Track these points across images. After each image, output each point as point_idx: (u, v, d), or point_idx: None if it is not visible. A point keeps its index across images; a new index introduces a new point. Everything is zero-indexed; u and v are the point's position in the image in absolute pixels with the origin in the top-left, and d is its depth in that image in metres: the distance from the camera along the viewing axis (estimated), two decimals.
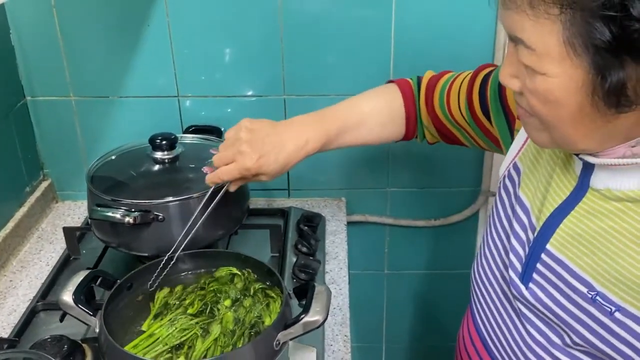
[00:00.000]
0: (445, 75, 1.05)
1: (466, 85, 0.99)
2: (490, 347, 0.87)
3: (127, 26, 1.32)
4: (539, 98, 0.66)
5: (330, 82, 1.37)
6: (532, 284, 0.77)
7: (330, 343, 1.08)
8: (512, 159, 0.87)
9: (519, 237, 0.80)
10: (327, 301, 0.90)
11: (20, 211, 1.35)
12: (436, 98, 1.04)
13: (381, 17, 1.30)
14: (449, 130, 1.05)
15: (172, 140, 1.19)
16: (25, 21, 1.32)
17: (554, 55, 0.62)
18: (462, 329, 0.97)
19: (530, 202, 0.80)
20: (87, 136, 1.43)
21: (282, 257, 1.24)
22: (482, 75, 0.97)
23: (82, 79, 1.37)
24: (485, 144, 1.01)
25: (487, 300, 0.87)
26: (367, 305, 1.66)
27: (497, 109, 0.93)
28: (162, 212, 1.09)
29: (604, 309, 0.69)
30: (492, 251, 0.87)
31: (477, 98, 0.96)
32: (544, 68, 0.64)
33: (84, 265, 1.23)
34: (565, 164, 0.76)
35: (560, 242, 0.74)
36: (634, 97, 0.60)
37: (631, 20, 0.56)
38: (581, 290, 0.71)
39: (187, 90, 1.39)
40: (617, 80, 0.59)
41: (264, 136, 0.99)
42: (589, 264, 0.71)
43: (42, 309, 1.13)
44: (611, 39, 0.58)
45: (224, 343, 0.93)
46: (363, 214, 1.53)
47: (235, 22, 1.31)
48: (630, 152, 0.67)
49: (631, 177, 0.68)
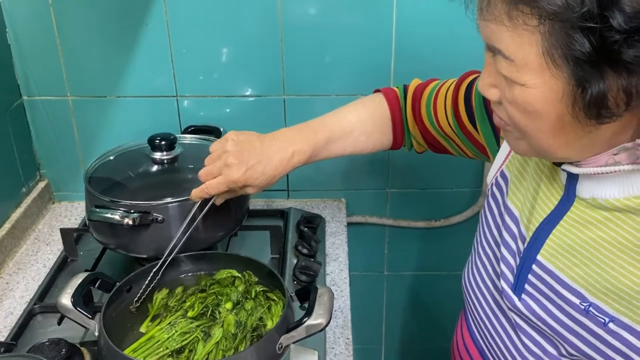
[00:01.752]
0: (431, 84, 1.05)
1: (451, 93, 0.98)
2: (486, 355, 0.87)
3: (126, 25, 1.31)
4: (518, 108, 0.65)
5: (331, 82, 1.35)
6: (524, 295, 0.76)
7: (332, 346, 1.06)
8: (500, 166, 0.87)
9: (509, 246, 0.80)
10: (330, 304, 0.89)
11: (17, 212, 1.34)
12: (423, 108, 1.03)
13: (382, 16, 1.29)
14: (436, 140, 1.05)
15: (172, 140, 1.18)
16: (21, 19, 1.31)
17: (533, 66, 0.61)
18: (456, 334, 0.97)
19: (519, 211, 0.80)
20: (84, 136, 1.42)
21: (282, 259, 1.23)
22: (467, 83, 0.97)
23: (79, 79, 1.36)
24: (472, 152, 1.00)
25: (480, 309, 0.87)
26: (366, 307, 1.65)
27: (482, 116, 0.93)
28: (162, 213, 1.08)
29: (598, 320, 0.68)
30: (483, 259, 0.87)
31: (462, 105, 0.96)
32: (523, 79, 0.62)
33: (81, 267, 1.22)
34: (552, 172, 0.76)
35: (550, 253, 0.73)
36: (614, 108, 0.59)
37: (611, 32, 0.55)
38: (573, 302, 0.71)
39: (185, 90, 1.37)
40: (597, 91, 0.58)
41: (250, 148, 0.99)
42: (580, 275, 0.70)
43: (39, 312, 1.11)
44: (591, 51, 0.57)
45: (226, 347, 0.92)
46: (363, 215, 1.52)
47: (234, 21, 1.30)
48: (613, 160, 0.66)
49: (616, 185, 0.67)
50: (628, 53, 0.55)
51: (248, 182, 0.98)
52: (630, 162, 0.65)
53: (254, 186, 0.99)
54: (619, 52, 0.56)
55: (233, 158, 0.97)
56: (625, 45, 0.55)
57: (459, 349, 0.94)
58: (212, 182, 0.99)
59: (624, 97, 0.58)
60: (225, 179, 0.98)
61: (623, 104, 0.59)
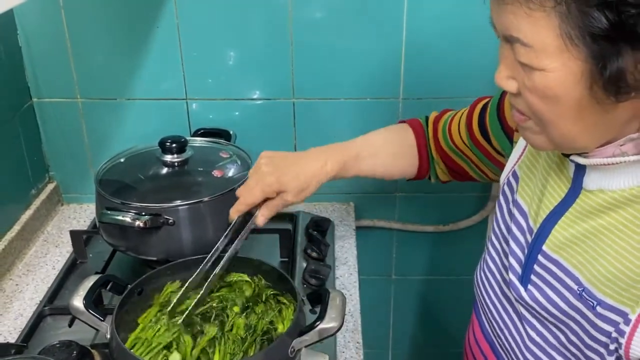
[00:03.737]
0: (447, 112, 1.10)
1: (466, 114, 1.04)
2: (496, 348, 0.89)
3: (136, 27, 1.31)
4: (538, 94, 0.66)
5: (340, 85, 1.36)
6: (530, 286, 0.79)
7: (342, 350, 1.06)
8: (512, 167, 0.89)
9: (518, 240, 0.82)
10: (343, 307, 0.89)
11: (26, 214, 1.34)
12: (439, 131, 1.08)
13: (392, 19, 1.29)
14: (454, 162, 1.08)
15: (182, 143, 1.18)
16: (32, 22, 1.31)
17: (551, 49, 0.63)
18: (468, 331, 0.99)
19: (528, 205, 0.82)
20: (93, 138, 1.42)
21: (291, 262, 1.23)
22: (482, 105, 1.02)
23: (89, 81, 1.36)
24: (491, 172, 1.04)
25: (490, 304, 0.89)
26: (374, 311, 1.64)
27: (496, 128, 0.96)
28: (173, 215, 1.08)
29: (588, 304, 0.71)
30: (493, 255, 0.89)
31: (476, 123, 1.01)
32: (542, 64, 0.64)
33: (91, 270, 1.22)
34: (560, 167, 0.78)
35: (554, 243, 0.76)
36: (633, 83, 0.61)
37: (627, 6, 0.57)
38: (572, 287, 0.73)
39: (195, 93, 1.37)
40: (616, 68, 0.60)
41: (283, 158, 1.03)
42: (580, 262, 0.73)
43: (49, 314, 1.11)
44: (608, 27, 0.58)
45: (234, 350, 0.91)
46: (371, 219, 1.51)
47: (245, 24, 1.30)
48: (619, 151, 0.68)
49: (621, 175, 0.69)
50: None
51: (282, 185, 0.99)
52: (636, 153, 0.67)
53: (289, 190, 1.00)
54: (635, 26, 0.57)
55: (266, 167, 1.00)
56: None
57: (471, 345, 0.96)
58: (247, 191, 1.00)
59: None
60: (259, 184, 0.99)
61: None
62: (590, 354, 0.73)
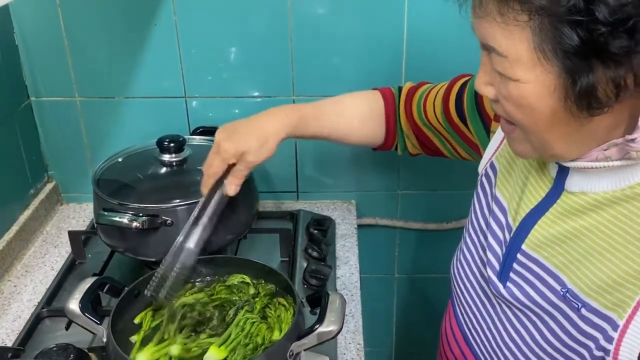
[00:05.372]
0: (424, 85, 1.08)
1: (443, 91, 1.01)
2: (470, 341, 0.89)
3: (134, 25, 1.29)
4: (514, 103, 0.68)
5: (340, 83, 1.33)
6: (509, 283, 0.79)
7: (343, 351, 1.05)
8: (489, 158, 0.89)
9: (497, 236, 0.82)
10: (342, 310, 0.88)
11: (25, 214, 1.33)
12: (414, 104, 1.05)
13: (393, 16, 1.27)
14: (427, 137, 1.06)
15: (180, 142, 1.17)
16: (29, 20, 1.30)
17: (525, 61, 0.64)
18: (444, 323, 0.99)
19: (508, 202, 0.82)
20: (92, 137, 1.41)
21: (292, 262, 1.22)
22: (460, 83, 0.99)
23: (87, 79, 1.35)
24: (464, 151, 1.02)
25: (467, 296, 0.89)
26: (376, 309, 1.63)
27: (473, 113, 0.95)
28: (171, 216, 1.07)
29: (573, 305, 0.71)
30: (470, 248, 0.89)
31: (453, 103, 0.98)
32: (516, 74, 0.65)
33: (89, 270, 1.21)
34: (541, 165, 0.78)
35: (534, 242, 0.76)
36: (604, 100, 0.61)
37: (597, 24, 0.57)
38: (555, 288, 0.73)
39: (194, 91, 1.36)
40: (587, 83, 0.61)
41: (237, 122, 1.00)
42: (563, 263, 0.73)
43: (47, 316, 1.11)
44: (579, 43, 0.59)
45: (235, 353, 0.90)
46: (373, 217, 1.50)
47: (244, 22, 1.29)
48: (603, 155, 0.68)
49: (604, 179, 0.70)
50: (614, 44, 0.58)
51: (239, 146, 0.96)
52: (619, 158, 0.67)
53: (248, 151, 0.96)
54: (605, 44, 0.58)
55: (220, 135, 0.98)
56: (611, 37, 0.58)
57: (447, 335, 0.96)
58: (207, 162, 0.98)
59: (613, 89, 0.61)
60: (215, 153, 0.97)
61: (613, 95, 0.61)
62: (570, 354, 0.73)
